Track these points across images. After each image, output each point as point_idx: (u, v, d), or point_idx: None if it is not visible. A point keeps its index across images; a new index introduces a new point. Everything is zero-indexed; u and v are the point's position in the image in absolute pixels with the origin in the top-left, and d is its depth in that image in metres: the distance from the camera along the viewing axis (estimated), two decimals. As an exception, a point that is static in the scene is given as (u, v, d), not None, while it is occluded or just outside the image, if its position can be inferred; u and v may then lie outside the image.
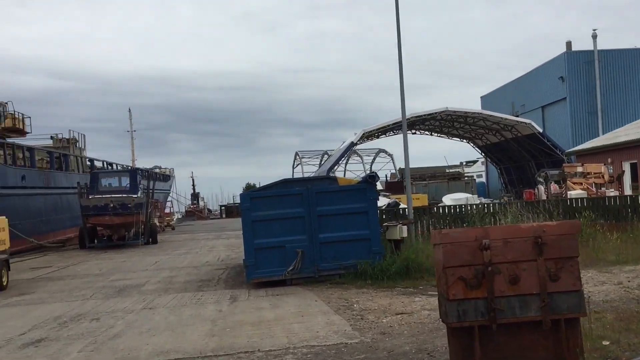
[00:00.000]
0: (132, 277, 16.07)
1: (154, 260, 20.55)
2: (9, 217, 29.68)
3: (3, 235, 15.36)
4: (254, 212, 12.64)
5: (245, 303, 10.82)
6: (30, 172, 32.66)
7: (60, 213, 36.39)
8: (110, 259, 22.36)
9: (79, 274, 17.72)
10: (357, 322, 8.66)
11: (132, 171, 31.59)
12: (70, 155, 41.85)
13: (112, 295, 12.83)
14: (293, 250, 12.61)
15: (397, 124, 46.58)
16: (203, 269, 17.20)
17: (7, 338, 8.81)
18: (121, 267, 19.12)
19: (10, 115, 37.51)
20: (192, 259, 20.61)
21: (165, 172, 74.00)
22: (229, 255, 20.92)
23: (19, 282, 16.37)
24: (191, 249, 25.42)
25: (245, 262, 12.78)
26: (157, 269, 17.91)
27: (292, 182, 13.58)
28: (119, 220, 28.13)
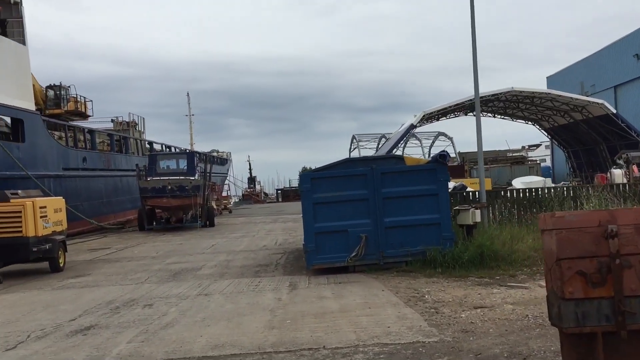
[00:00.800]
0: (188, 260, 15.60)
1: (211, 243, 20.12)
2: (71, 199, 30.17)
3: (60, 216, 15.13)
4: (315, 193, 11.81)
5: (305, 291, 10.03)
6: (91, 154, 33.01)
7: (120, 195, 36.83)
8: (168, 242, 22.12)
9: (135, 256, 17.43)
10: (432, 316, 7.71)
11: (190, 153, 31.38)
12: (130, 138, 42.28)
13: (167, 279, 12.32)
14: (356, 235, 11.73)
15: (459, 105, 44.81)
16: (260, 253, 16.57)
17: (57, 324, 8.32)
18: (178, 249, 18.76)
19: (72, 99, 38.04)
20: (249, 242, 20.06)
21: (222, 156, 74.67)
22: (286, 239, 20.27)
23: (77, 263, 16.19)
24: (248, 232, 24.96)
25: (305, 247, 11.99)
26: (213, 252, 17.42)
27: (355, 162, 12.66)
28: (177, 202, 27.97)
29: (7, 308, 9.80)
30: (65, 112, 36.59)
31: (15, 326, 8.29)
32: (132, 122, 45.81)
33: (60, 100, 36.80)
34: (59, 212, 15.04)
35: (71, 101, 37.81)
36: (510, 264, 11.29)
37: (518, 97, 44.25)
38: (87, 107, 40.04)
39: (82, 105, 38.90)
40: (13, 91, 24.75)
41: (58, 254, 14.31)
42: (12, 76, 24.90)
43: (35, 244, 13.35)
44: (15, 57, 25.47)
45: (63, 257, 14.76)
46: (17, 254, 13.33)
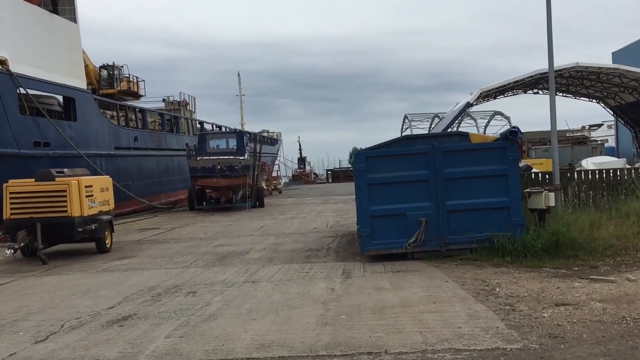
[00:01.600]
0: (236, 242, 14.98)
1: (260, 225, 19.51)
2: (122, 178, 30.21)
3: (107, 195, 14.73)
4: (371, 173, 10.87)
5: (361, 280, 9.16)
6: (142, 133, 32.97)
7: (171, 174, 36.84)
8: (217, 222, 21.66)
9: (183, 237, 16.96)
10: (508, 314, 6.71)
11: (239, 133, 30.84)
12: (181, 118, 42.23)
13: (214, 263, 11.68)
14: (415, 219, 10.75)
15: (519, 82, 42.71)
16: (311, 236, 15.80)
17: (94, 312, 7.75)
18: (226, 231, 18.21)
19: (125, 79, 38.13)
20: (299, 224, 19.35)
21: (272, 136, 74.41)
22: (337, 222, 19.44)
23: (124, 244, 15.83)
24: (298, 213, 24.28)
25: (360, 231, 11.10)
26: (262, 234, 16.77)
27: (415, 139, 11.64)
28: (226, 182, 27.53)
29: (47, 292, 9.34)
30: (118, 91, 36.70)
31: (52, 313, 7.76)
32: (183, 102, 45.76)
33: (114, 80, 36.95)
34: (105, 192, 14.64)
35: (124, 81, 37.93)
36: (590, 253, 10.10)
37: (582, 74, 41.81)
38: (140, 86, 40.13)
39: (134, 85, 38.98)
40: (65, 69, 24.67)
41: (104, 234, 13.91)
42: (64, 54, 24.81)
43: (81, 224, 12.96)
44: (67, 35, 25.36)
45: (110, 237, 14.37)
46: (63, 235, 12.97)
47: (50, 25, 24.06)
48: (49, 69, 23.33)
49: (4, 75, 20.46)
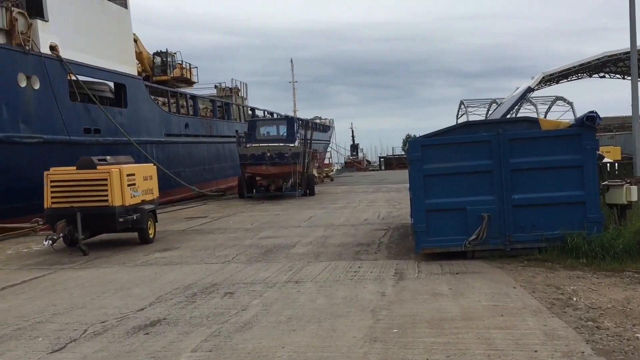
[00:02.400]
0: (283, 234, 14.25)
1: (309, 215, 18.76)
2: (173, 165, 30.07)
3: (150, 184, 14.24)
4: (427, 163, 9.86)
5: (415, 283, 8.22)
6: (193, 120, 32.74)
7: (222, 161, 36.59)
8: (265, 211, 21.07)
9: (229, 227, 16.39)
10: (592, 333, 5.66)
11: (290, 119, 30.13)
12: (233, 104, 41.93)
13: (257, 258, 10.97)
14: (476, 214, 9.69)
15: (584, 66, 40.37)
16: (361, 228, 14.91)
17: (122, 314, 7.13)
18: (273, 221, 17.55)
19: (178, 65, 38.05)
20: (350, 215, 18.49)
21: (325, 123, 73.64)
22: (390, 213, 18.47)
23: (169, 233, 15.37)
24: (349, 202, 23.42)
25: (414, 226, 10.12)
26: (310, 225, 16.00)
27: (476, 126, 10.52)
28: (276, 170, 26.92)
29: (79, 288, 8.84)
30: (172, 78, 36.66)
31: (78, 315, 7.19)
32: (235, 89, 45.47)
33: (167, 67, 36.92)
34: (149, 180, 14.15)
35: (177, 68, 37.86)
36: (681, 256, 8.83)
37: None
38: (192, 73, 40.05)
39: (187, 72, 38.89)
40: (115, 56, 24.50)
41: (147, 224, 13.43)
42: (115, 40, 24.64)
43: (122, 214, 12.49)
44: (118, 20, 25.17)
45: (153, 227, 13.89)
46: (103, 225, 12.54)
47: (101, 10, 23.87)
48: (99, 55, 23.17)
49: (54, 61, 20.34)
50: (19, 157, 18.36)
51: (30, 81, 19.21)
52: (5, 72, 18.17)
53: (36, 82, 19.47)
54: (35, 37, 19.68)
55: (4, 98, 18.07)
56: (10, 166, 18.11)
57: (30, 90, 19.21)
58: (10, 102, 18.31)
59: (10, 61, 18.41)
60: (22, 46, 18.81)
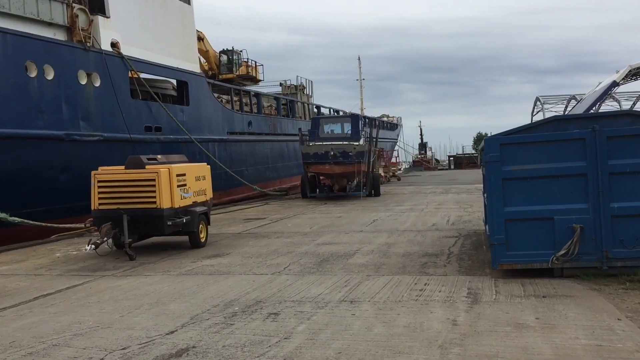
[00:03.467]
0: (342, 240, 13.13)
1: (372, 218, 17.55)
2: (235, 164, 29.52)
3: (203, 184, 13.46)
4: (507, 165, 8.47)
5: (493, 309, 6.88)
6: (257, 118, 32.16)
7: (286, 160, 35.90)
8: (327, 213, 20.03)
9: (287, 231, 15.43)
10: None
11: (354, 117, 28.94)
12: (298, 102, 41.20)
13: (310, 269, 9.89)
14: (566, 225, 8.22)
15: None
16: (429, 235, 13.58)
17: (149, 339, 6.20)
18: (334, 224, 16.46)
19: (244, 63, 37.69)
20: (416, 218, 17.14)
21: (392, 121, 72.04)
22: (460, 217, 17.00)
23: (223, 237, 14.57)
24: (416, 204, 22.03)
25: (490, 238, 8.74)
26: (373, 230, 14.80)
27: (566, 121, 9.02)
28: (339, 169, 25.83)
29: (112, 301, 8.03)
30: (237, 76, 36.31)
31: (100, 337, 6.33)
32: (300, 86, 44.78)
33: (233, 65, 36.62)
34: (202, 180, 13.37)
35: (243, 66, 37.50)
36: None
37: None
38: (258, 71, 39.61)
39: (253, 70, 38.46)
40: (178, 53, 24.12)
41: (198, 228, 12.64)
42: (177, 37, 24.26)
43: (171, 217, 11.73)
44: (180, 17, 24.79)
45: (205, 231, 13.09)
46: (151, 228, 11.82)
47: (163, 6, 23.52)
48: (161, 52, 22.82)
49: (115, 58, 20.07)
50: (80, 156, 18.13)
51: (91, 78, 18.97)
52: (66, 69, 17.96)
53: (97, 79, 19.23)
54: (97, 33, 19.44)
55: (64, 95, 17.86)
56: (70, 164, 17.90)
57: (90, 87, 18.98)
58: (70, 99, 18.10)
59: (70, 58, 18.19)
60: (83, 43, 18.57)
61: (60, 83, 17.71)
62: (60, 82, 17.70)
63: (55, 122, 17.55)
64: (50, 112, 17.39)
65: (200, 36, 33.99)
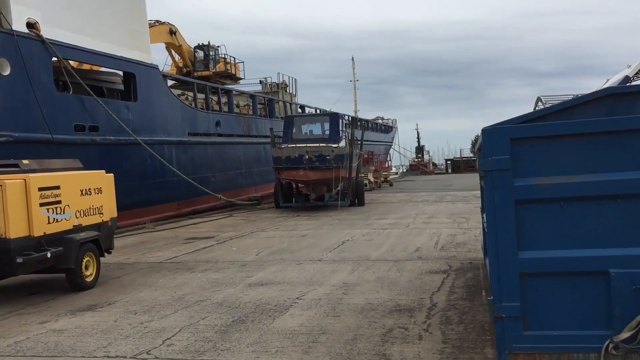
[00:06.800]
0: (286, 278, 9.40)
1: (342, 239, 13.84)
2: (199, 169, 25.65)
3: (99, 200, 9.72)
4: (523, 177, 4.73)
5: None
6: (227, 117, 28.41)
7: (263, 165, 32.01)
8: (292, 229, 16.36)
9: (225, 258, 11.72)
10: None
11: (333, 115, 25.20)
12: (279, 101, 37.49)
13: (204, 344, 6.15)
14: (632, 285, 4.52)
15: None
16: (408, 267, 9.87)
17: None
18: (291, 248, 12.75)
19: (222, 60, 34.09)
20: (397, 239, 13.44)
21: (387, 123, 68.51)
22: (453, 237, 13.32)
23: (133, 270, 10.85)
24: (402, 217, 18.36)
25: (496, 307, 4.96)
26: (336, 259, 11.09)
27: (629, 96, 5.30)
28: (315, 175, 22.14)
29: None
30: (214, 73, 32.77)
31: None
32: (282, 84, 41.11)
33: (209, 61, 33.03)
34: (93, 195, 9.62)
35: (221, 62, 33.91)
36: None
37: None
38: (238, 68, 36.06)
39: (232, 67, 34.89)
40: (122, 39, 20.37)
41: (79, 263, 8.89)
42: (121, 21, 20.52)
43: (26, 250, 7.98)
44: (127, 0, 21.08)
45: (93, 266, 9.32)
46: (-8, 268, 8.06)
47: (102, -17, 19.80)
48: (99, 37, 19.07)
49: (33, 42, 16.36)
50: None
51: (-4, 65, 15.29)
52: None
53: (5, 66, 15.51)
54: (6, 10, 15.74)
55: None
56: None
57: (-6, 76, 15.28)
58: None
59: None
60: (-17, 21, 14.89)
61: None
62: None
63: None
64: None
65: (172, 29, 30.41)
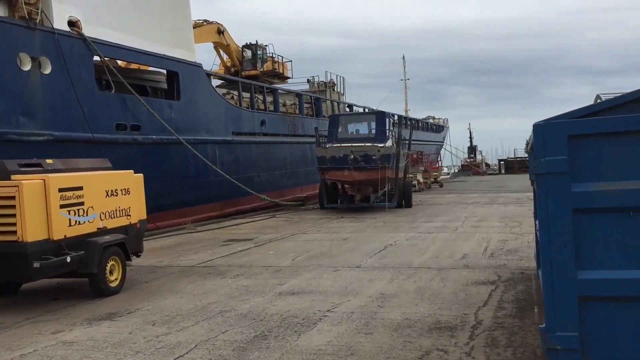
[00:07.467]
0: (320, 287, 8.74)
1: (385, 243, 13.10)
2: (243, 169, 25.37)
3: (126, 201, 9.31)
4: (581, 181, 3.93)
5: None
6: (273, 117, 28.02)
7: (309, 164, 31.43)
8: (334, 232, 15.72)
9: (259, 263, 11.17)
10: None
11: (379, 114, 24.35)
12: (326, 100, 36.91)
13: (230, 355, 5.57)
14: None
15: None
16: (452, 276, 9.05)
17: None
18: (330, 252, 12.10)
19: (270, 59, 33.80)
20: (444, 244, 12.59)
21: (438, 123, 67.14)
22: (504, 243, 12.37)
23: (163, 274, 10.44)
24: (450, 220, 17.43)
25: (550, 336, 4.16)
26: (375, 265, 10.36)
27: None
28: (361, 175, 21.42)
29: None
30: (262, 72, 32.44)
31: None
32: (330, 83, 40.53)
33: (257, 60, 32.78)
34: (120, 196, 9.22)
35: (268, 61, 33.62)
36: None
37: None
38: (286, 67, 35.66)
39: (280, 66, 34.52)
40: (166, 38, 20.19)
41: (103, 267, 8.49)
42: (164, 19, 20.33)
43: (45, 254, 7.61)
44: (170, -4, 20.87)
45: (118, 270, 8.91)
46: (9, 271, 7.68)
47: (144, -19, 19.64)
48: (141, 35, 18.89)
49: (74, 40, 16.27)
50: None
51: (38, 64, 15.21)
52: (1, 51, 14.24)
53: (47, 65, 15.44)
54: (48, 9, 15.66)
55: (-4, 84, 14.11)
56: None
57: (36, 75, 15.17)
58: (5, 89, 14.33)
59: (6, 38, 14.43)
60: (27, 20, 14.80)
61: (-12, 69, 14.00)
62: (-11, 68, 14.00)
63: (-21, 117, 13.86)
64: (-28, 105, 13.70)
65: (220, 29, 30.30)
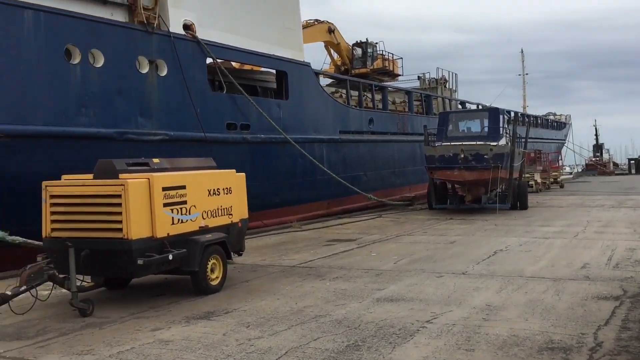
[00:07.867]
0: (421, 294, 8.29)
1: (495, 249, 12.32)
2: (350, 168, 25.22)
3: (228, 200, 9.39)
4: None
5: None
6: (381, 115, 27.66)
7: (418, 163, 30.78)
8: (441, 234, 15.12)
9: (360, 265, 10.88)
10: None
11: (493, 110, 23.18)
12: (437, 97, 35.96)
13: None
14: None
15: None
16: (569, 289, 8.23)
17: None
18: (435, 256, 11.57)
19: (380, 56, 33.60)
20: (561, 251, 11.62)
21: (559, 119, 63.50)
22: (631, 251, 11.20)
23: (264, 273, 10.45)
24: (570, 225, 16.18)
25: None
26: (483, 272, 9.71)
27: None
28: (472, 175, 20.53)
29: None
30: (372, 70, 32.34)
31: None
32: (442, 79, 39.42)
33: (367, 58, 32.71)
34: (222, 195, 9.30)
35: (378, 59, 33.42)
36: None
37: None
38: (397, 65, 35.27)
39: (390, 63, 34.21)
40: (275, 38, 20.48)
41: (204, 266, 8.58)
42: (274, 19, 20.63)
43: (148, 251, 7.80)
44: (278, -6, 21.10)
45: (219, 269, 8.99)
46: (114, 267, 7.92)
47: (252, -19, 19.95)
48: (251, 36, 19.27)
49: (188, 43, 16.88)
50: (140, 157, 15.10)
51: (155, 66, 15.90)
52: (120, 54, 14.96)
53: (163, 67, 16.12)
54: (164, 13, 16.33)
55: (117, 86, 14.87)
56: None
57: (153, 77, 15.87)
58: (126, 91, 15.09)
59: (127, 42, 15.19)
60: (145, 24, 15.53)
61: (111, 71, 14.73)
62: (111, 71, 14.72)
63: (103, 118, 14.65)
64: (96, 107, 14.45)
65: (331, 27, 30.54)
